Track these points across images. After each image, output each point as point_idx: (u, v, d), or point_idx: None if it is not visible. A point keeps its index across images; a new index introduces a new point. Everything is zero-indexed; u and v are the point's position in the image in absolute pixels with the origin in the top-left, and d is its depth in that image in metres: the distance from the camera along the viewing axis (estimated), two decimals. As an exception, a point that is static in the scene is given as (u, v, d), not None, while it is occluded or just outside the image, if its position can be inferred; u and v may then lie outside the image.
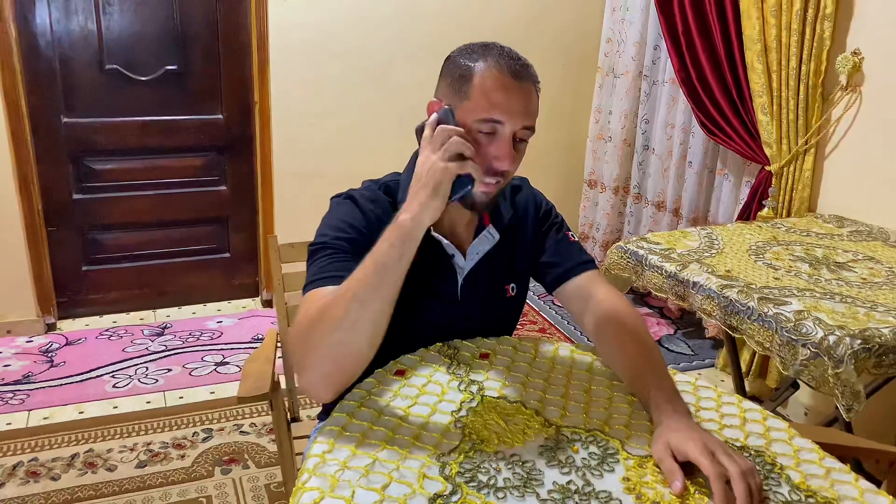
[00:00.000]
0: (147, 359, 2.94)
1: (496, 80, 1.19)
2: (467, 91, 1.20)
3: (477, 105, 1.19)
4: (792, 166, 2.62)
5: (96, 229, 3.22)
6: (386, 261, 1.09)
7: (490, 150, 1.20)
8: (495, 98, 1.18)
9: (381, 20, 3.25)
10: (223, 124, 3.28)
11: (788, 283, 1.86)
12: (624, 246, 2.17)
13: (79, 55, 2.98)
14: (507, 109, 1.18)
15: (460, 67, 1.23)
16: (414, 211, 1.09)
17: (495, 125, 1.19)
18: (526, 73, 1.22)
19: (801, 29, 2.47)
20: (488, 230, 1.36)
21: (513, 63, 1.21)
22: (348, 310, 1.07)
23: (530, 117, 1.22)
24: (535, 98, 1.23)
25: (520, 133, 1.21)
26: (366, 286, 1.08)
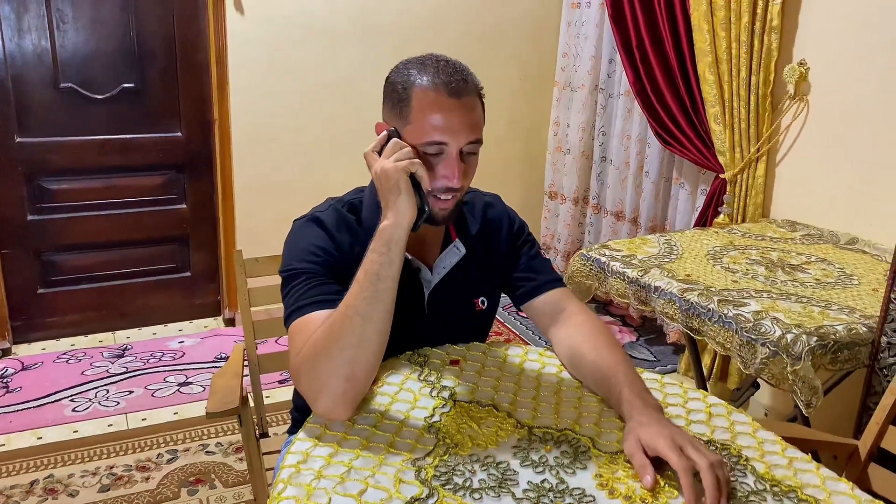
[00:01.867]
0: (107, 381, 2.88)
1: (434, 102, 1.18)
2: (407, 115, 1.20)
3: (419, 129, 1.19)
4: (745, 173, 2.70)
5: (52, 251, 3.16)
6: (378, 269, 1.13)
7: (438, 170, 1.20)
8: (435, 121, 1.18)
9: (341, 35, 3.26)
10: (182, 142, 3.25)
11: (746, 285, 1.91)
12: (586, 254, 2.20)
13: (32, 74, 2.93)
14: (448, 130, 1.18)
15: (398, 91, 1.22)
16: (391, 217, 1.15)
17: (440, 146, 1.19)
18: (464, 87, 1.19)
19: (749, 41, 2.56)
20: (455, 244, 1.37)
21: (449, 79, 1.19)
22: (353, 327, 1.10)
23: (475, 131, 1.21)
24: (478, 109, 1.22)
25: (466, 148, 1.21)
26: (364, 300, 1.12)
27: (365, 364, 1.11)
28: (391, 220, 1.15)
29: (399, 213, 1.15)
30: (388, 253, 1.14)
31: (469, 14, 3.51)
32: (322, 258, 1.25)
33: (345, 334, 1.10)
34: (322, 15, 3.20)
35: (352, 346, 1.10)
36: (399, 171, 1.15)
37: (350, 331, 1.10)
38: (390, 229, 1.15)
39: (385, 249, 1.14)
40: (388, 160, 1.16)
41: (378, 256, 1.14)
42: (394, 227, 1.15)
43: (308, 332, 1.15)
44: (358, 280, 1.14)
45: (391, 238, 1.14)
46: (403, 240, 1.16)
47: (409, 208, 1.15)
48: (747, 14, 2.53)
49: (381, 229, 1.15)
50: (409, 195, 1.15)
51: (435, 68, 1.20)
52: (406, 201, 1.15)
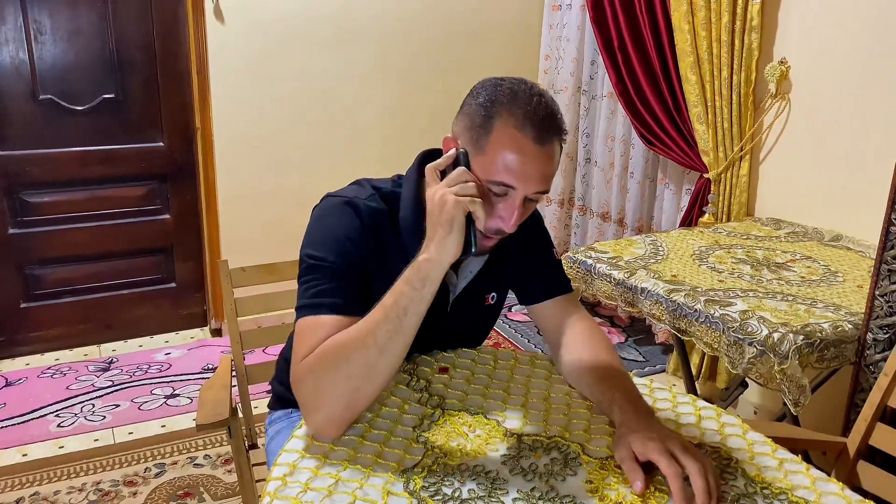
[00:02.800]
0: (93, 395, 2.84)
1: (516, 144, 1.10)
2: (484, 145, 1.12)
3: (491, 164, 1.11)
4: (729, 172, 2.71)
5: (35, 264, 3.12)
6: (407, 304, 1.07)
7: (497, 209, 1.15)
8: (511, 164, 1.10)
9: (324, 42, 3.25)
10: (165, 152, 3.23)
11: (732, 284, 1.92)
12: (573, 256, 2.20)
13: (10, 86, 2.89)
14: (521, 176, 1.11)
15: (481, 115, 1.13)
16: (433, 252, 1.08)
17: (507, 188, 1.12)
18: (549, 134, 1.12)
19: (730, 40, 2.57)
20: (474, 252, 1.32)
21: (538, 122, 1.11)
22: (367, 357, 1.06)
23: (546, 182, 1.14)
24: (556, 158, 1.15)
25: (531, 196, 1.15)
26: (385, 332, 1.06)
27: (369, 394, 1.09)
28: (433, 256, 1.07)
29: (443, 251, 1.07)
30: (422, 290, 1.07)
31: (450, 17, 3.50)
32: (351, 254, 1.19)
33: (356, 362, 1.06)
34: (301, 21, 3.19)
35: (360, 377, 1.06)
36: (458, 206, 1.06)
37: (363, 360, 1.06)
38: (429, 266, 1.08)
39: (420, 286, 1.07)
40: (451, 190, 1.08)
41: (411, 291, 1.07)
42: (434, 263, 1.08)
43: (316, 337, 1.11)
44: (385, 307, 1.08)
45: (428, 276, 1.07)
46: (440, 278, 1.09)
47: (454, 248, 1.07)
48: (727, 14, 2.55)
49: (419, 262, 1.08)
50: (459, 234, 1.07)
51: (527, 104, 1.11)
52: (453, 240, 1.07)
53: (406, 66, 3.45)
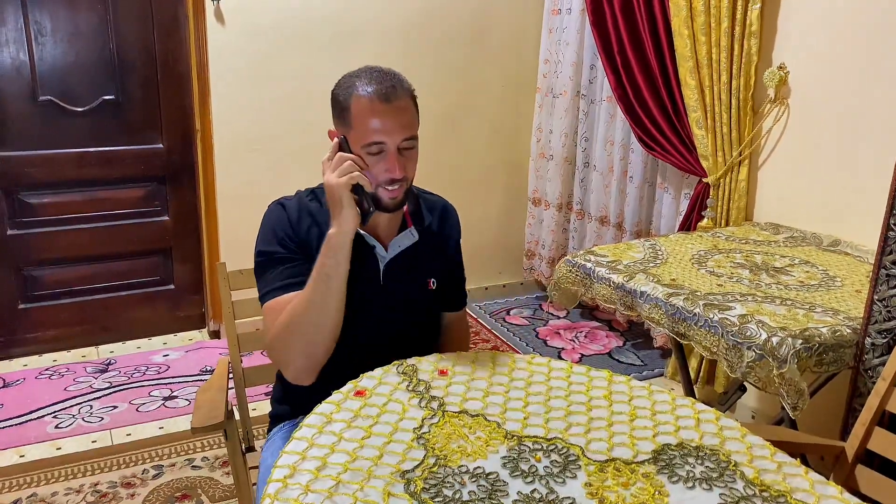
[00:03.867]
0: (91, 397, 2.84)
1: (368, 108, 1.35)
2: (349, 121, 1.38)
3: (360, 133, 1.37)
4: (728, 177, 2.71)
5: (33, 265, 3.12)
6: (327, 271, 1.34)
7: (382, 166, 1.38)
8: (371, 124, 1.35)
9: (321, 44, 3.25)
10: (164, 153, 3.23)
11: (731, 288, 1.92)
12: (572, 260, 2.20)
13: (10, 87, 2.89)
14: (384, 131, 1.35)
15: (339, 101, 1.41)
16: (335, 227, 1.35)
17: (379, 146, 1.36)
18: (394, 92, 1.36)
19: (729, 45, 2.58)
20: (410, 230, 1.52)
21: (380, 86, 1.36)
22: (309, 315, 1.33)
23: (408, 129, 1.38)
24: (410, 110, 1.40)
25: (403, 144, 1.38)
26: (318, 293, 1.33)
27: (322, 342, 1.35)
28: (336, 230, 1.34)
29: (342, 223, 1.34)
30: (335, 256, 1.34)
31: (448, 20, 3.51)
32: (282, 240, 1.44)
33: (304, 322, 1.33)
34: (301, 24, 3.19)
35: (310, 332, 1.34)
36: (340, 186, 1.33)
37: (308, 318, 1.33)
38: (336, 237, 1.34)
39: (332, 254, 1.34)
40: (333, 175, 1.35)
41: (327, 260, 1.34)
42: (338, 235, 1.34)
43: (277, 313, 1.37)
44: (312, 278, 1.34)
45: (336, 244, 1.34)
46: (347, 245, 1.35)
47: (350, 219, 1.34)
48: (727, 19, 2.55)
49: (328, 237, 1.35)
50: (350, 207, 1.33)
51: (368, 78, 1.38)
52: (348, 213, 1.33)
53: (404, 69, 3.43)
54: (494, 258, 4.01)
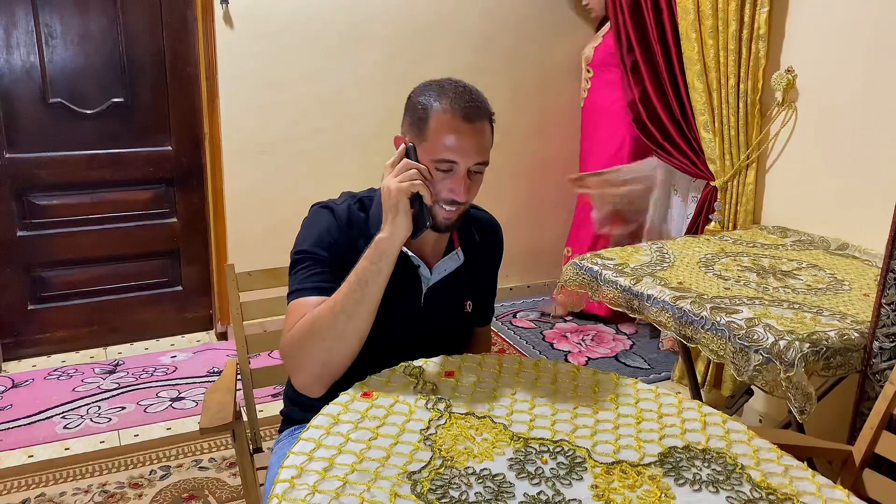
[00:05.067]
0: (99, 397, 2.85)
1: (449, 124, 1.30)
2: (425, 133, 1.32)
3: (433, 146, 1.31)
4: (735, 180, 2.71)
5: (43, 267, 3.14)
6: (367, 276, 1.28)
7: (447, 184, 1.33)
8: (449, 141, 1.30)
9: (330, 48, 3.26)
10: (172, 156, 3.25)
11: (738, 292, 1.92)
12: (579, 262, 2.21)
13: (21, 89, 2.92)
14: (459, 151, 1.30)
15: (418, 109, 1.34)
16: (386, 232, 1.29)
17: (451, 164, 1.31)
18: (477, 112, 1.32)
19: (737, 49, 2.58)
20: (457, 252, 1.49)
21: (465, 104, 1.31)
22: (335, 321, 1.26)
23: (483, 153, 1.33)
24: (487, 134, 1.35)
25: (474, 167, 1.33)
26: (350, 300, 1.27)
27: (341, 355, 1.29)
28: (386, 234, 1.29)
29: (395, 230, 1.29)
30: (378, 263, 1.28)
31: (457, 22, 3.51)
32: (327, 247, 1.38)
33: (328, 327, 1.26)
34: (311, 27, 3.21)
35: (332, 339, 1.27)
36: (401, 191, 1.28)
37: (333, 325, 1.26)
38: (384, 243, 1.29)
39: (377, 259, 1.28)
40: (394, 179, 1.29)
41: (369, 264, 1.28)
42: (388, 241, 1.29)
43: (301, 314, 1.31)
44: (349, 281, 1.29)
45: (383, 251, 1.28)
46: (394, 254, 1.29)
47: (403, 227, 1.29)
48: (735, 22, 2.55)
49: (376, 240, 1.29)
50: (405, 215, 1.29)
51: (454, 93, 1.32)
52: (402, 221, 1.28)
53: (413, 71, 3.45)
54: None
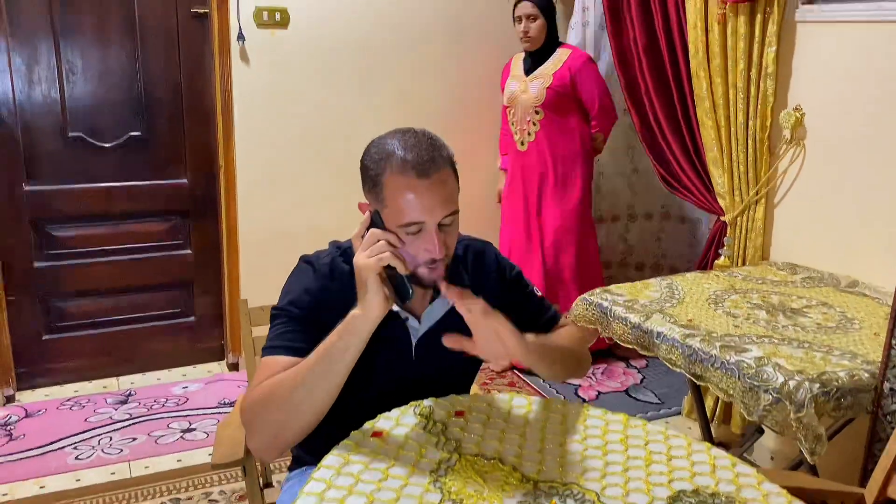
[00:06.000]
0: (111, 428, 2.87)
1: (405, 185, 1.22)
2: (383, 198, 1.25)
3: (394, 212, 1.24)
4: (745, 216, 2.72)
5: (58, 297, 3.18)
6: (333, 351, 1.21)
7: (420, 245, 1.26)
8: (409, 203, 1.22)
9: (344, 81, 3.33)
10: (187, 188, 3.30)
11: (748, 330, 1.92)
12: (588, 298, 2.22)
13: (42, 123, 2.98)
14: (422, 210, 1.23)
15: (371, 175, 1.27)
16: (359, 309, 1.22)
17: (418, 225, 1.24)
18: (432, 164, 1.23)
19: (745, 87, 2.60)
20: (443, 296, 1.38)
21: (416, 158, 1.22)
22: (293, 394, 1.20)
23: (448, 205, 1.26)
24: (450, 182, 1.27)
25: (444, 220, 1.26)
26: (313, 373, 1.20)
27: (293, 429, 1.22)
28: (359, 312, 1.21)
29: (368, 308, 1.21)
30: (348, 339, 1.21)
31: (471, 57, 3.57)
32: (304, 304, 1.33)
33: (285, 399, 1.20)
34: (324, 62, 3.27)
35: (287, 411, 1.20)
36: (369, 268, 1.20)
37: (290, 398, 1.20)
38: (356, 320, 1.21)
39: (346, 336, 1.21)
40: (362, 254, 1.22)
41: (338, 339, 1.21)
42: (361, 319, 1.21)
43: (268, 373, 1.25)
44: (315, 353, 1.21)
45: (354, 329, 1.21)
46: (365, 332, 1.22)
47: (376, 305, 1.20)
48: (743, 60, 2.58)
49: (349, 316, 1.22)
50: (377, 293, 1.20)
51: (403, 149, 1.24)
52: (374, 299, 1.20)
53: (426, 105, 3.51)
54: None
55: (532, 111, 3.23)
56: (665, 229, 3.95)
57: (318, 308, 1.32)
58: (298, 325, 1.31)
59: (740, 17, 2.55)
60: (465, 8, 3.52)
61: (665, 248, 3.97)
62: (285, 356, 1.27)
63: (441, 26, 3.49)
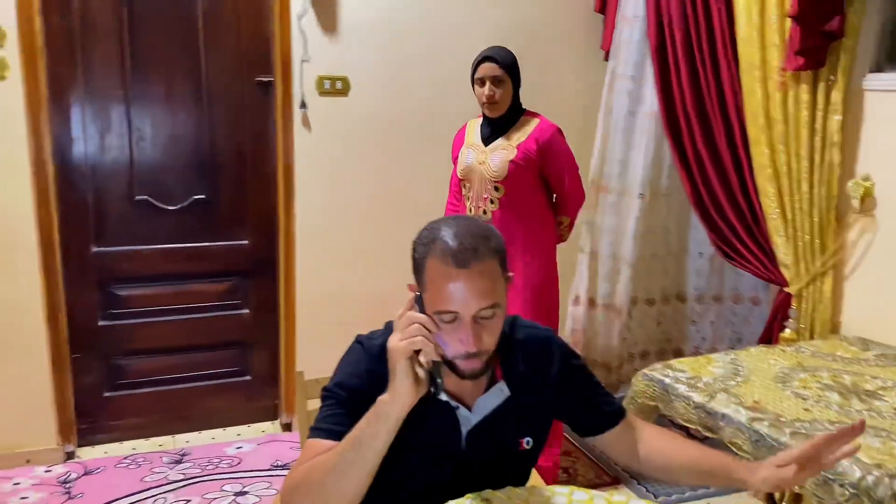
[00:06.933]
0: (165, 489, 2.89)
1: (442, 273, 1.21)
2: (424, 282, 1.25)
3: (432, 298, 1.23)
4: (811, 287, 2.63)
5: (120, 355, 3.25)
6: (362, 438, 1.19)
7: (455, 336, 1.23)
8: (444, 293, 1.21)
9: (403, 148, 3.38)
10: (248, 249, 3.36)
11: (819, 414, 1.84)
12: (649, 374, 2.16)
13: (111, 187, 3.10)
14: (456, 301, 1.21)
15: (416, 257, 1.28)
16: (388, 395, 1.19)
17: (452, 314, 1.22)
18: (474, 254, 1.21)
19: (809, 156, 2.55)
20: (499, 385, 1.36)
21: (458, 250, 1.20)
22: (325, 478, 1.18)
23: (486, 298, 1.21)
24: (490, 275, 1.22)
25: (481, 314, 1.22)
26: (343, 460, 1.18)
27: None
28: (387, 398, 1.19)
29: (395, 393, 1.18)
30: (376, 426, 1.18)
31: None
32: (351, 386, 1.31)
33: (316, 484, 1.19)
34: (384, 129, 3.33)
35: (317, 496, 1.18)
36: (399, 352, 1.18)
37: (321, 483, 1.18)
38: (385, 406, 1.19)
39: (374, 422, 1.18)
40: (395, 337, 1.20)
41: (367, 426, 1.19)
42: (389, 404, 1.19)
43: (310, 455, 1.24)
44: (347, 439, 1.20)
45: (382, 414, 1.18)
46: (394, 419, 1.19)
47: (405, 391, 1.18)
48: (806, 129, 2.53)
49: (379, 401, 1.20)
50: (406, 377, 1.17)
51: (450, 236, 1.22)
52: (403, 384, 1.18)
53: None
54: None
55: (491, 187, 2.70)
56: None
57: (363, 392, 1.28)
58: (342, 408, 1.29)
59: (802, 85, 2.52)
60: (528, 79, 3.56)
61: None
62: (327, 440, 1.26)
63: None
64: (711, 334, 3.51)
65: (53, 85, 2.92)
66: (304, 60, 3.15)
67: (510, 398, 1.36)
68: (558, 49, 3.60)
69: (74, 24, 2.93)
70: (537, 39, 3.53)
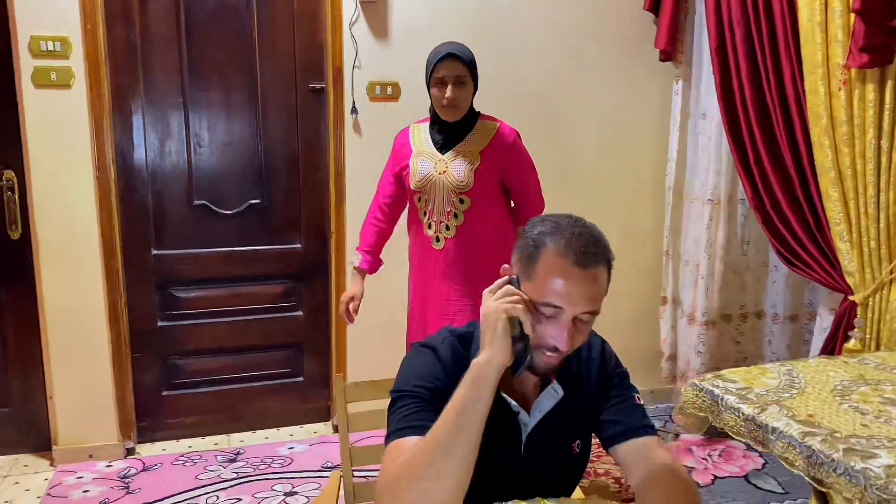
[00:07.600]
0: (218, 487, 2.95)
1: (560, 268, 1.21)
2: (533, 272, 1.24)
3: (540, 288, 1.23)
4: (878, 296, 2.50)
5: (177, 355, 3.34)
6: (464, 403, 1.15)
7: (550, 330, 1.23)
8: (557, 286, 1.21)
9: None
10: (301, 253, 3.42)
11: (877, 430, 1.73)
12: (698, 384, 2.08)
13: (170, 192, 3.19)
14: (566, 297, 1.21)
15: (530, 247, 1.26)
16: (483, 355, 1.18)
17: (556, 309, 1.22)
18: (593, 258, 1.22)
19: (876, 157, 2.42)
20: (553, 386, 1.37)
21: (580, 248, 1.21)
22: (433, 458, 1.12)
23: (593, 302, 1.23)
24: (601, 281, 1.25)
25: (581, 316, 1.24)
26: (447, 433, 1.14)
27: (439, 498, 1.11)
28: (484, 358, 1.18)
29: (493, 353, 1.17)
30: (476, 389, 1.16)
31: (576, 128, 3.54)
32: (430, 385, 1.29)
33: (423, 465, 1.12)
34: (435, 133, 3.33)
35: (428, 478, 1.11)
36: (499, 311, 1.19)
37: (429, 462, 1.12)
38: (481, 366, 1.17)
39: (473, 385, 1.16)
40: (493, 298, 1.22)
41: (465, 391, 1.16)
42: (485, 364, 1.17)
43: (398, 456, 1.18)
44: (445, 412, 1.16)
45: (480, 375, 1.17)
46: (493, 379, 1.17)
47: (502, 350, 1.17)
48: (872, 129, 2.41)
49: (473, 364, 1.19)
50: (503, 337, 1.18)
51: (570, 233, 1.24)
52: (501, 344, 1.17)
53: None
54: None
55: (455, 199, 2.47)
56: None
57: (443, 389, 1.26)
58: (428, 404, 1.26)
59: (868, 84, 2.39)
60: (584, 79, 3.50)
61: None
62: (413, 436, 1.21)
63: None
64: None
65: (116, 93, 3.04)
66: (355, 66, 3.18)
67: (563, 399, 1.37)
68: (612, 48, 3.54)
69: (135, 34, 3.04)
70: (590, 40, 3.48)
